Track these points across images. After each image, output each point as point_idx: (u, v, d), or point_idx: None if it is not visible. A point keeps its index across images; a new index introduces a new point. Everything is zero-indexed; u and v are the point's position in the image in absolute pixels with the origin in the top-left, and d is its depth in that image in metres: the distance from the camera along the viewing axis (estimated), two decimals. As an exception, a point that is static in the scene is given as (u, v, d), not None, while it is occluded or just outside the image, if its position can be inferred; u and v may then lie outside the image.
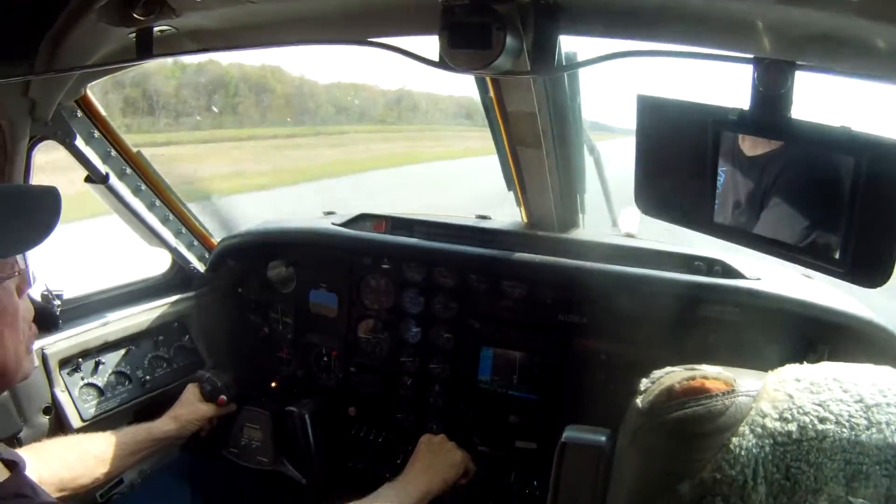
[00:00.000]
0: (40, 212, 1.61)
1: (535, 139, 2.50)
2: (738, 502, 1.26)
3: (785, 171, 1.47)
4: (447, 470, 2.71)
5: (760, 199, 1.53)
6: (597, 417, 1.89)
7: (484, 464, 3.02)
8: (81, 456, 2.42)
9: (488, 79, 2.31)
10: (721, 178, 1.56)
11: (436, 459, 2.73)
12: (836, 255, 1.39)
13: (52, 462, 2.26)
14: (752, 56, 1.45)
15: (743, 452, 1.27)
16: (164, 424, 2.77)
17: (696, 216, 1.63)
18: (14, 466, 1.63)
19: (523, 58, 1.72)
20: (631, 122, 1.73)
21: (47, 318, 2.21)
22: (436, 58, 1.71)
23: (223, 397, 2.97)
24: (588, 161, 2.85)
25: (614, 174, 3.08)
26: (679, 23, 1.72)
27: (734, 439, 1.28)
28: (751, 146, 1.51)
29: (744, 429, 1.29)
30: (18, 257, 1.64)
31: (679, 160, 1.66)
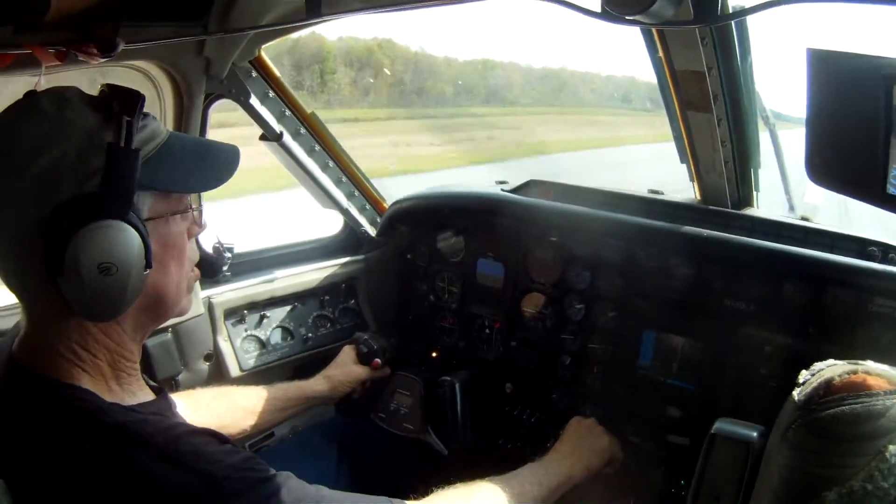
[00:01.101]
0: (220, 161, 1.73)
1: (706, 102, 2.35)
2: None
3: None
4: (591, 456, 2.61)
5: None
6: (754, 415, 1.78)
7: (633, 456, 2.89)
8: (231, 406, 2.50)
9: (656, 35, 2.20)
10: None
11: (582, 444, 2.63)
12: None
13: (201, 410, 2.34)
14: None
15: None
16: (316, 384, 2.81)
17: (869, 186, 1.44)
18: (160, 392, 1.75)
19: (686, 6, 1.60)
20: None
21: (211, 266, 2.33)
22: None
23: (377, 360, 2.97)
24: (764, 138, 2.67)
25: (791, 164, 2.87)
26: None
27: (891, 447, 1.17)
28: None
29: None
30: (193, 202, 1.73)
31: (851, 121, 1.48)
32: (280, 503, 1.49)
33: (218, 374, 2.89)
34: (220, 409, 2.45)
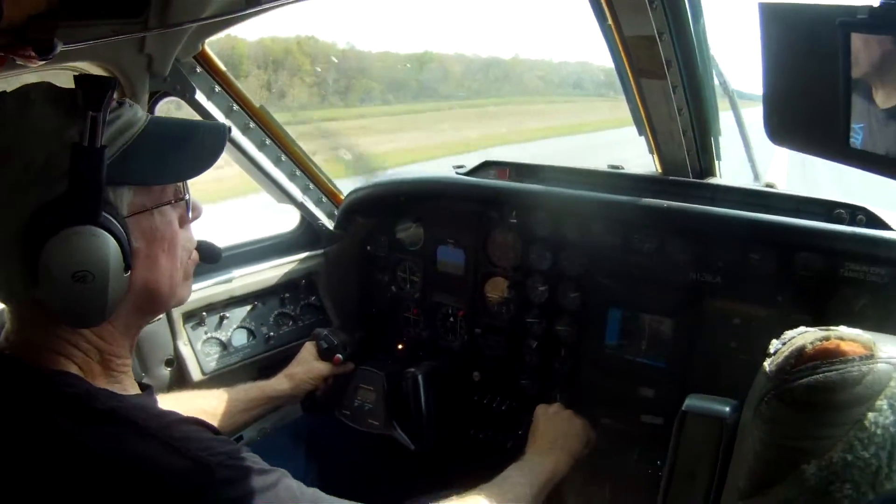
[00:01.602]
0: (205, 143, 1.67)
1: (659, 68, 2.32)
2: (869, 492, 1.12)
3: None
4: (572, 443, 2.56)
5: None
6: (726, 390, 1.74)
7: (606, 438, 2.85)
8: (193, 411, 2.42)
9: (603, 2, 2.16)
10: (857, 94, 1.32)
11: (558, 433, 2.58)
12: None
13: None
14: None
15: (879, 431, 1.13)
16: (278, 383, 2.75)
17: (830, 141, 1.40)
18: (147, 388, 1.73)
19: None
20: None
21: (211, 252, 2.27)
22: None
23: (339, 356, 2.90)
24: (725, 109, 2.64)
25: (755, 138, 2.84)
26: None
27: (870, 415, 1.13)
28: (885, 96, 1.29)
29: (881, 403, 1.14)
30: (180, 187, 1.67)
31: (808, 75, 1.45)
32: (271, 498, 1.45)
33: (180, 379, 2.82)
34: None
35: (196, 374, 2.82)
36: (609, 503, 2.89)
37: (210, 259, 2.05)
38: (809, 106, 1.47)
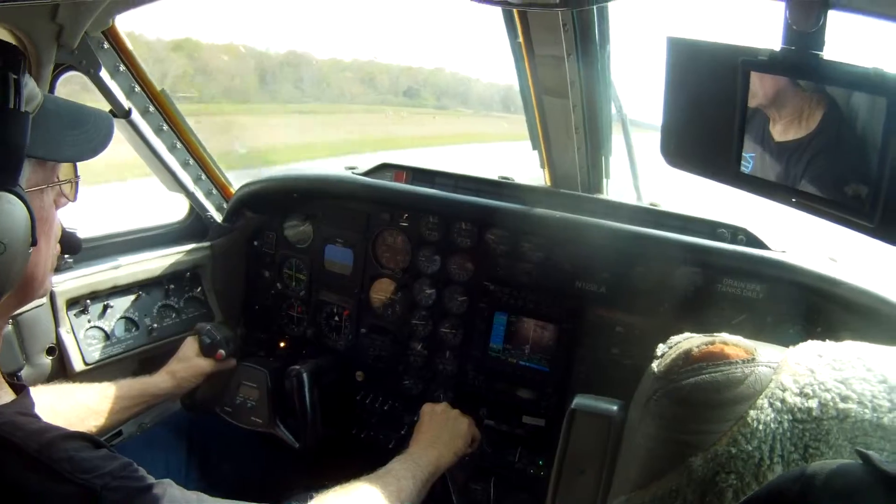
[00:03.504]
0: (97, 129, 1.60)
1: (562, 88, 2.42)
2: (752, 482, 1.22)
3: (826, 123, 1.36)
4: (455, 440, 2.60)
5: (791, 150, 1.43)
6: (608, 393, 1.81)
7: (489, 438, 2.94)
8: (74, 406, 2.35)
9: (517, 19, 2.23)
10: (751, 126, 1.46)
11: (443, 430, 2.62)
12: (867, 208, 1.29)
13: (42, 410, 2.19)
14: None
15: (760, 427, 1.23)
16: (159, 380, 2.66)
17: (723, 166, 1.54)
18: (22, 389, 1.61)
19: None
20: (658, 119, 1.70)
21: (71, 242, 2.16)
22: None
23: (221, 352, 2.81)
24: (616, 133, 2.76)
25: (646, 163, 2.95)
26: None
27: (752, 412, 1.24)
28: (781, 130, 1.43)
29: (762, 402, 1.25)
30: (63, 170, 1.59)
31: (707, 106, 1.58)
32: None
33: (61, 369, 2.72)
34: (62, 409, 2.29)
35: (78, 364, 2.73)
36: (493, 499, 2.94)
37: (71, 249, 1.98)
38: (706, 134, 1.58)
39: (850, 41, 1.42)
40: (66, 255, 2.69)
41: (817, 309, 2.42)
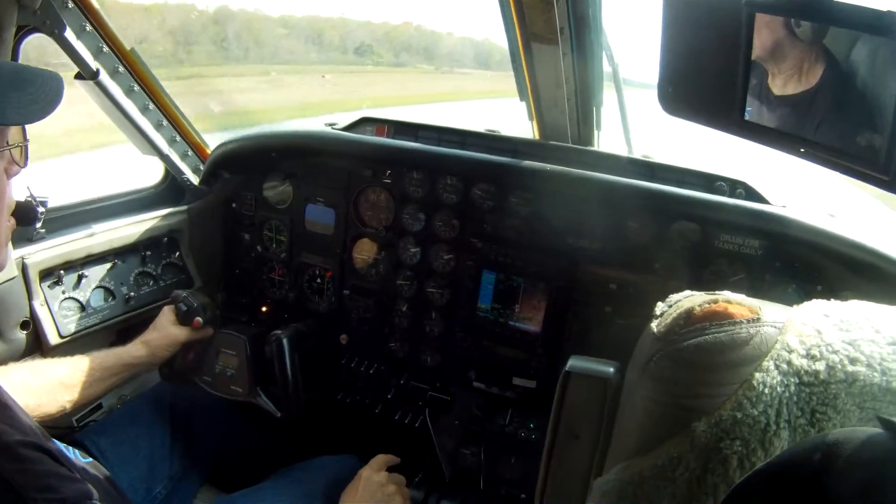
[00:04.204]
0: (45, 91, 1.52)
1: (552, 33, 2.31)
2: (758, 448, 1.16)
3: (827, 77, 1.30)
4: None
5: (799, 101, 1.36)
6: (600, 353, 1.75)
7: (479, 401, 2.89)
8: (46, 382, 2.29)
9: None
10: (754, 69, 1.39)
11: (372, 501, 2.53)
12: (881, 159, 1.23)
13: (13, 388, 2.12)
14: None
15: (766, 390, 1.17)
16: (134, 349, 2.59)
17: (726, 113, 1.48)
18: None
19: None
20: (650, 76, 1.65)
21: (27, 212, 2.06)
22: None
23: (198, 319, 2.74)
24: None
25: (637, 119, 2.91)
26: None
27: (757, 374, 1.17)
28: (781, 84, 1.37)
29: (768, 364, 1.18)
30: (12, 134, 1.53)
31: (708, 50, 1.51)
32: None
33: (36, 343, 2.64)
34: (33, 386, 2.24)
35: (53, 338, 2.65)
36: (483, 464, 2.91)
37: (26, 221, 1.90)
38: (707, 79, 1.51)
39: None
40: (38, 226, 2.58)
41: (818, 266, 2.37)
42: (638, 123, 2.84)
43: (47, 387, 2.27)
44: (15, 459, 1.29)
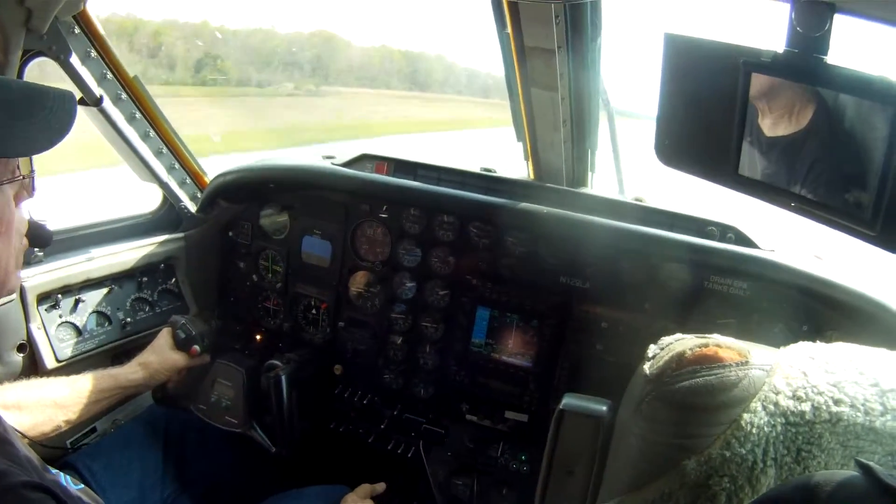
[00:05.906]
0: (55, 115, 1.46)
1: (552, 80, 2.39)
2: (746, 485, 1.20)
3: (817, 121, 1.36)
4: None
5: (789, 150, 1.42)
6: (591, 389, 1.80)
7: (471, 433, 2.93)
8: (42, 402, 2.30)
9: (507, 11, 2.21)
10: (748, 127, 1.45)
11: None
12: (868, 216, 1.29)
13: (9, 408, 2.14)
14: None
15: (754, 430, 1.21)
16: (130, 372, 2.60)
17: (720, 167, 1.53)
18: None
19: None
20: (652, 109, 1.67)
21: (41, 235, 2.08)
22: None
23: (196, 347, 2.76)
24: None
25: (629, 154, 2.97)
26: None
27: (745, 415, 1.21)
28: (771, 123, 1.42)
29: (756, 405, 1.22)
30: (21, 163, 1.52)
31: (705, 105, 1.56)
32: None
33: (33, 366, 2.65)
34: (29, 405, 2.25)
35: (50, 362, 2.67)
36: (475, 495, 2.94)
37: (40, 243, 1.91)
38: (704, 133, 1.57)
39: (851, 46, 1.41)
40: (36, 249, 2.61)
41: (803, 307, 2.43)
42: (635, 157, 2.90)
43: (42, 406, 2.28)
44: (19, 501, 1.30)
